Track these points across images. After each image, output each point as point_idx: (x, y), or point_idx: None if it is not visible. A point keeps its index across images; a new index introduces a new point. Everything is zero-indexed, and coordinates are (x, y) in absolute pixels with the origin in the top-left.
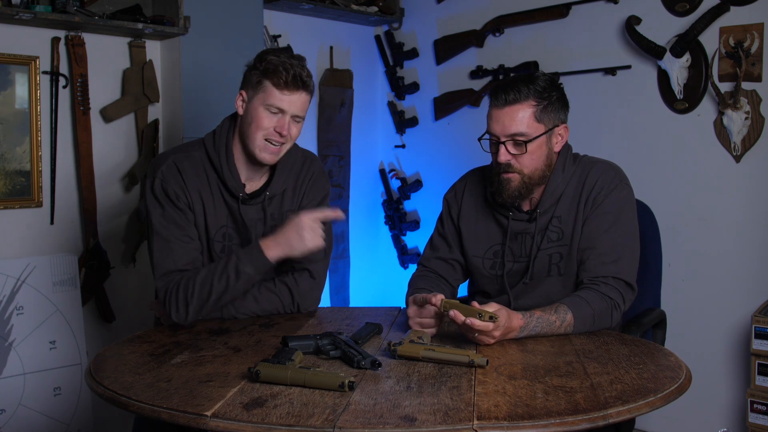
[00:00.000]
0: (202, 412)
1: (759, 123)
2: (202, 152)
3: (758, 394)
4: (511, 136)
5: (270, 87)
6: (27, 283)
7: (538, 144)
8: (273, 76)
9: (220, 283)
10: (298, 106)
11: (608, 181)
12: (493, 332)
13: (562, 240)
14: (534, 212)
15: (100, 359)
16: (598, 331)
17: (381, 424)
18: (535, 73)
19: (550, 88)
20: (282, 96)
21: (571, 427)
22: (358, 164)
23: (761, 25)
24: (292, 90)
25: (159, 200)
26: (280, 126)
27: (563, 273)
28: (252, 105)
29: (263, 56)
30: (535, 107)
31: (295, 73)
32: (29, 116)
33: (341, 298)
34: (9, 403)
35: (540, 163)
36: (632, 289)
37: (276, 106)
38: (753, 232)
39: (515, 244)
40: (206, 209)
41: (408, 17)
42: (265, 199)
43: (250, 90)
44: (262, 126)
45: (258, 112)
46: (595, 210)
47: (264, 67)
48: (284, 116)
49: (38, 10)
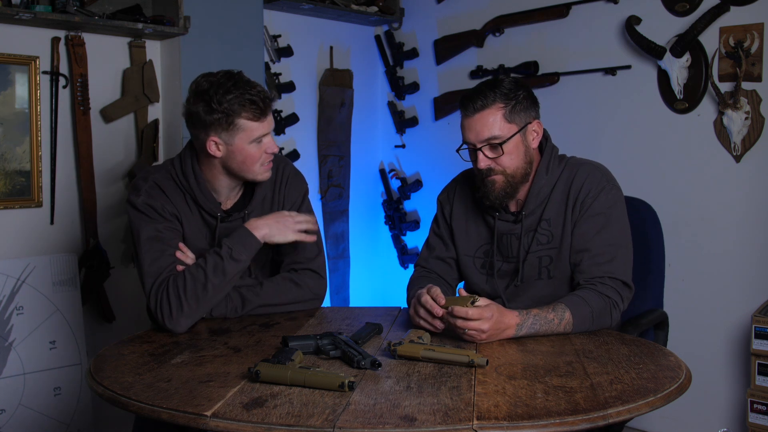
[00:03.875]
0: (202, 412)
1: (759, 123)
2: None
3: (758, 394)
4: (485, 141)
5: (247, 123)
6: (27, 283)
7: (514, 144)
8: (245, 112)
9: (216, 275)
10: (272, 120)
11: (595, 183)
12: (482, 325)
13: (552, 242)
14: (520, 214)
15: (100, 359)
16: (598, 331)
17: (381, 424)
18: (498, 77)
19: (515, 89)
20: (261, 125)
21: (570, 427)
22: (358, 164)
23: (761, 25)
24: (266, 113)
25: (146, 213)
26: (270, 147)
27: (553, 276)
28: (235, 146)
29: (216, 97)
30: (503, 109)
31: (262, 98)
32: (29, 116)
33: (341, 298)
34: (9, 403)
35: (520, 161)
36: (629, 287)
37: (260, 136)
38: (753, 232)
39: (502, 245)
40: (185, 228)
41: (408, 17)
42: (245, 216)
43: (224, 133)
44: (256, 158)
45: (247, 150)
46: (585, 213)
47: (227, 109)
48: (268, 136)
49: (38, 10)
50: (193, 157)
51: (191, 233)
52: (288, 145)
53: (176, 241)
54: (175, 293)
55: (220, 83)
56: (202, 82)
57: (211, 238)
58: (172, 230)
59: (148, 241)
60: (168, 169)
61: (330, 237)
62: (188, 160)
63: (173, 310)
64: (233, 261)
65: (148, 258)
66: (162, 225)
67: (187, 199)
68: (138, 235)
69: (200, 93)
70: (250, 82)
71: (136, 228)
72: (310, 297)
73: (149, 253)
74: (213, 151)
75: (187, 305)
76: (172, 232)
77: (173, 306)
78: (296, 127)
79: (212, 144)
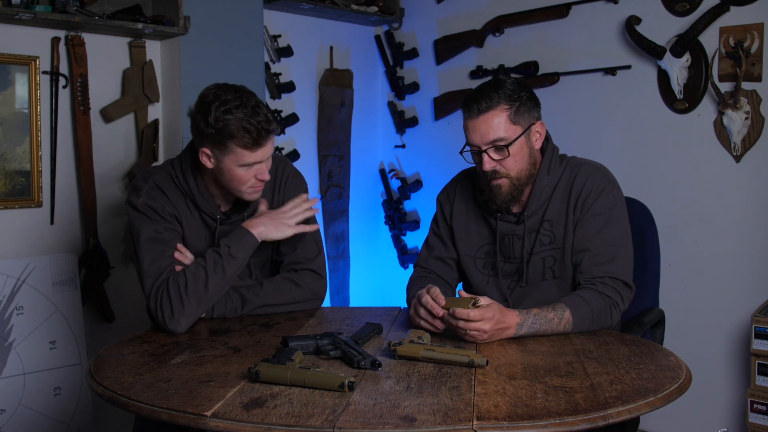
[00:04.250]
0: (202, 412)
1: (759, 123)
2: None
3: (758, 394)
4: (491, 143)
5: (239, 150)
6: (27, 283)
7: (519, 145)
8: (239, 139)
9: (216, 273)
10: (270, 149)
11: (596, 183)
12: (483, 325)
13: (555, 243)
14: (522, 215)
15: (100, 359)
16: (598, 331)
17: (381, 425)
18: (500, 78)
19: (518, 90)
20: (253, 153)
21: (570, 427)
22: (358, 164)
23: (761, 25)
24: (260, 144)
25: (146, 214)
26: (261, 174)
27: (558, 276)
28: (224, 165)
29: (215, 113)
30: (508, 110)
31: (259, 129)
32: (29, 116)
33: (341, 298)
34: (9, 403)
35: (525, 163)
36: (629, 287)
37: (251, 163)
38: (753, 232)
39: (504, 246)
40: (185, 229)
41: (408, 17)
42: (244, 218)
43: (215, 150)
44: (243, 181)
45: (234, 171)
46: (586, 213)
47: (222, 129)
48: (261, 164)
49: (38, 10)
50: (193, 159)
51: (191, 235)
52: (288, 145)
53: (176, 242)
54: (176, 292)
55: (225, 100)
56: (210, 93)
57: (210, 239)
58: (171, 231)
59: (147, 242)
60: (168, 170)
61: (330, 237)
62: (188, 162)
63: (174, 310)
64: (232, 258)
65: (147, 258)
66: (162, 226)
67: (186, 201)
68: (138, 235)
69: (204, 103)
70: (255, 107)
71: (136, 228)
72: (310, 297)
73: (149, 254)
74: (204, 161)
75: (188, 304)
76: (171, 233)
77: (174, 305)
78: (296, 127)
79: (204, 155)
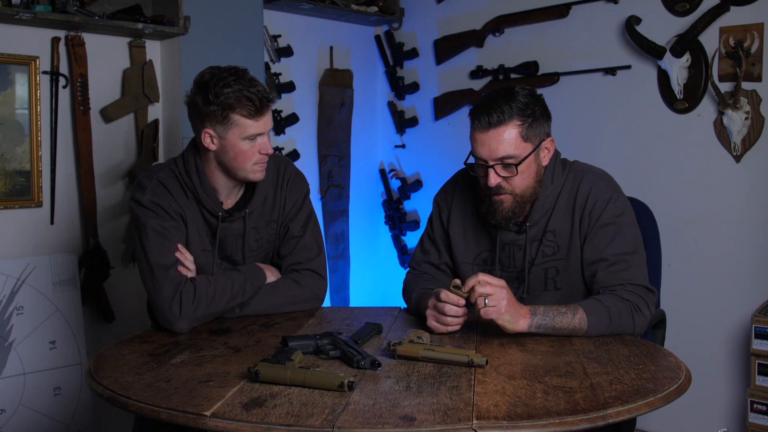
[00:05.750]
0: (202, 412)
1: (759, 123)
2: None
3: (758, 394)
4: (499, 160)
5: (241, 119)
6: (27, 283)
7: (528, 163)
8: (240, 108)
9: (235, 300)
10: (270, 121)
11: (601, 192)
12: (501, 291)
13: (558, 254)
14: (524, 225)
15: (100, 359)
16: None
17: (380, 424)
18: (514, 88)
19: (532, 103)
20: (256, 123)
21: (570, 427)
22: (358, 164)
23: (761, 25)
24: (262, 112)
25: (153, 210)
26: (264, 147)
27: (560, 287)
28: (228, 141)
29: (215, 89)
30: (520, 126)
31: (260, 98)
32: (29, 116)
33: (341, 298)
34: (9, 403)
35: (530, 181)
36: (651, 291)
37: (254, 134)
38: (753, 232)
39: (503, 254)
40: (188, 227)
41: (408, 17)
42: (246, 215)
43: (218, 126)
44: (249, 156)
45: (239, 146)
46: (595, 224)
47: (224, 101)
48: (263, 136)
49: (38, 10)
50: (196, 155)
51: (193, 232)
52: (288, 145)
53: (179, 241)
54: (200, 296)
55: (222, 76)
56: (206, 74)
57: (212, 237)
58: (176, 230)
59: (154, 234)
60: (171, 167)
61: (330, 237)
62: (191, 158)
63: (187, 310)
64: (250, 285)
65: (155, 249)
66: (168, 223)
67: (189, 199)
68: (144, 227)
69: (201, 84)
70: (252, 80)
71: (142, 221)
72: (310, 297)
73: (156, 246)
74: (207, 143)
75: (201, 311)
76: (176, 231)
77: (190, 306)
78: (296, 127)
79: (207, 136)
